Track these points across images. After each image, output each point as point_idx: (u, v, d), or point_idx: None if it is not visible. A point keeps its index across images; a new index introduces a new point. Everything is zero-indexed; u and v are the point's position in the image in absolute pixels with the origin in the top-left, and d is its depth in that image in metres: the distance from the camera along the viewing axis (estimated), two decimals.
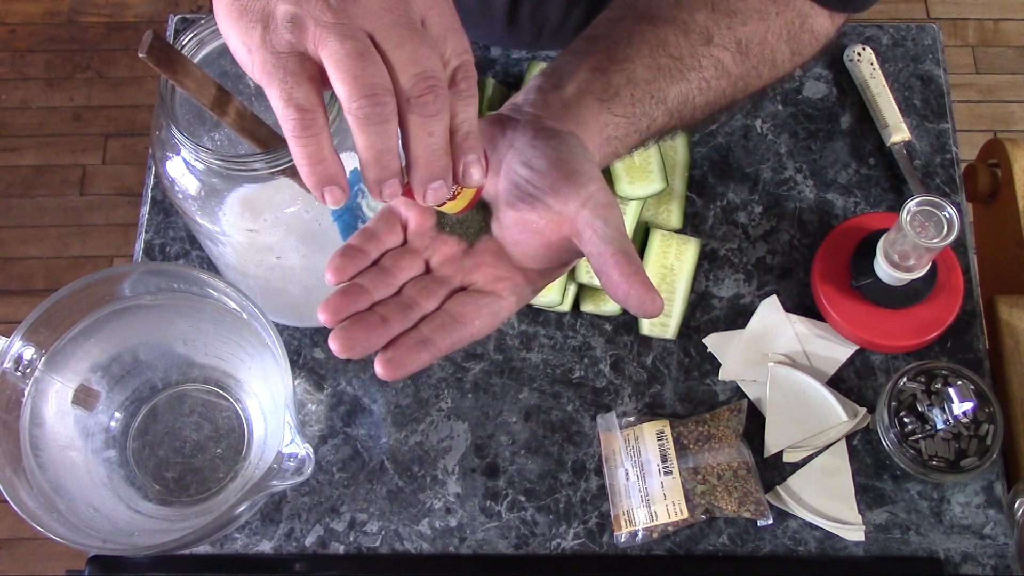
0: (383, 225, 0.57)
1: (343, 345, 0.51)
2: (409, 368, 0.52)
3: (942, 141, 0.95)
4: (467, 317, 0.54)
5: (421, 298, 0.54)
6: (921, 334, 0.85)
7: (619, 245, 0.53)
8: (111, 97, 2.05)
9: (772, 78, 0.69)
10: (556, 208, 0.55)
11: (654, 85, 0.62)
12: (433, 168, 0.49)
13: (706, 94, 0.65)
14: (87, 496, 0.78)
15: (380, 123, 0.47)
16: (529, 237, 0.56)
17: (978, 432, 0.79)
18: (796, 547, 0.81)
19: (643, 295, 0.53)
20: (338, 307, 0.52)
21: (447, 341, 0.53)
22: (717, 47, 0.65)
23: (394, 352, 0.52)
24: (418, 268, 0.56)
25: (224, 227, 0.71)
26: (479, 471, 0.85)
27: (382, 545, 0.82)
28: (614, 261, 0.53)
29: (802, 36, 0.69)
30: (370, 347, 0.52)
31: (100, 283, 0.78)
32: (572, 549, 0.82)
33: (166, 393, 0.86)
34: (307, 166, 0.49)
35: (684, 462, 0.83)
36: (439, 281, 0.56)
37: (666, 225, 0.91)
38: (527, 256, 0.57)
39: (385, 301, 0.54)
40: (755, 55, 0.67)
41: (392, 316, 0.53)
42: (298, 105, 0.48)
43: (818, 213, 0.93)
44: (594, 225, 0.54)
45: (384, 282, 0.55)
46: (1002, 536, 0.81)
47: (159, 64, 0.59)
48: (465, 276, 0.56)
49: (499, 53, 0.99)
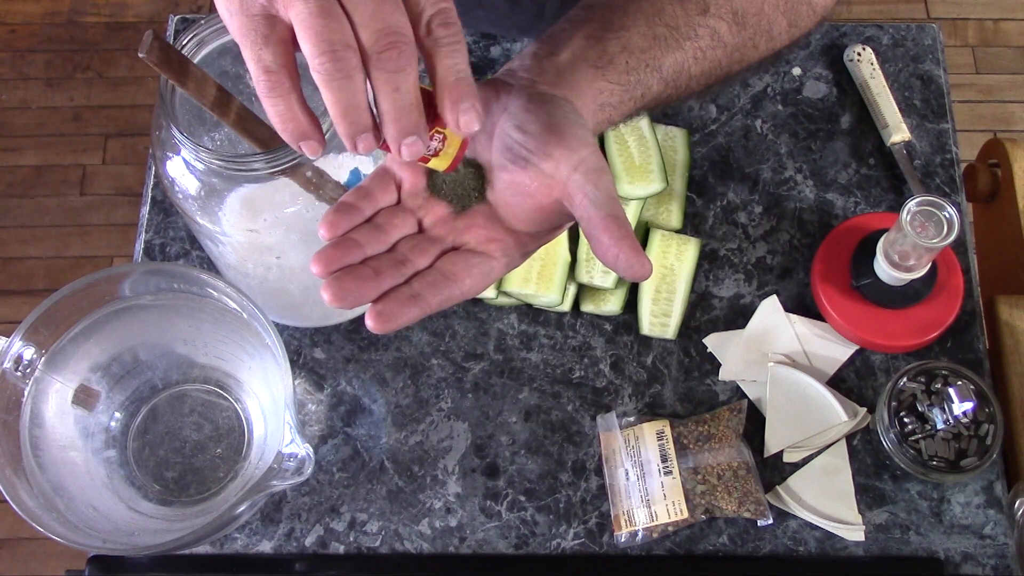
0: (377, 183, 0.57)
1: (334, 295, 0.52)
2: (399, 321, 0.52)
3: (942, 141, 0.95)
4: (458, 275, 0.55)
5: (413, 255, 0.55)
6: (921, 334, 0.85)
7: (609, 209, 0.54)
8: (111, 97, 2.05)
9: (769, 50, 0.69)
10: (548, 171, 0.55)
11: (649, 53, 0.62)
12: (403, 124, 0.50)
13: (702, 64, 0.65)
14: (87, 496, 0.78)
15: (343, 79, 0.48)
16: (521, 200, 0.56)
17: (978, 432, 0.79)
18: (796, 547, 0.81)
19: (632, 259, 0.53)
20: (330, 259, 0.53)
21: (438, 298, 0.54)
22: (713, 17, 0.65)
23: (384, 305, 0.52)
24: (411, 227, 0.57)
25: (224, 227, 0.71)
26: (479, 471, 0.85)
27: (382, 545, 0.82)
28: (604, 225, 0.53)
29: (799, 8, 0.69)
30: (361, 298, 0.52)
31: (100, 283, 0.78)
32: (572, 549, 0.82)
33: (166, 393, 0.86)
34: (279, 124, 0.50)
35: (684, 462, 0.83)
36: (431, 240, 0.57)
37: (666, 225, 0.91)
38: (519, 219, 0.57)
39: (378, 256, 0.55)
40: (752, 26, 0.67)
41: (384, 270, 0.54)
42: (265, 67, 0.49)
43: (818, 213, 0.93)
44: (585, 189, 0.54)
45: (377, 238, 0.55)
46: (1002, 536, 0.81)
47: (159, 64, 0.59)
48: (457, 236, 0.57)
49: (499, 52, 0.99)
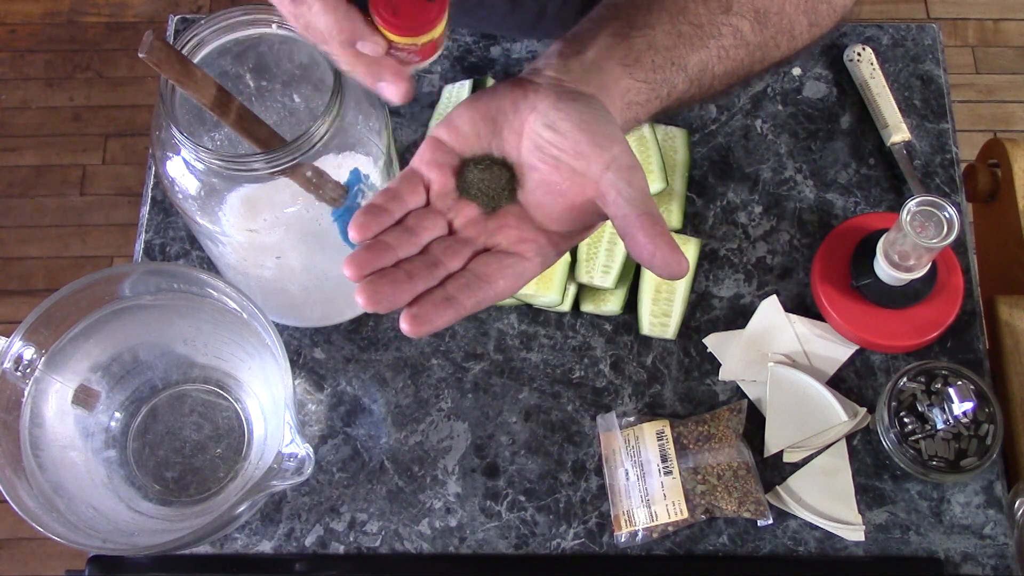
0: (406, 185, 0.57)
1: (370, 298, 0.51)
2: (435, 325, 0.52)
3: (942, 141, 0.95)
4: (491, 277, 0.54)
5: (445, 257, 0.55)
6: (921, 334, 0.85)
7: (644, 207, 0.54)
8: (111, 97, 2.05)
9: (790, 49, 0.69)
10: (580, 170, 0.55)
11: (675, 52, 0.62)
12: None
13: (725, 63, 0.65)
14: (87, 496, 0.78)
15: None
16: (553, 199, 0.56)
17: (978, 432, 0.79)
18: (796, 547, 0.81)
19: (668, 256, 0.53)
20: (363, 262, 0.52)
21: (472, 300, 0.53)
22: (736, 15, 0.65)
23: (419, 308, 0.52)
24: (441, 229, 0.57)
25: (224, 227, 0.71)
26: (479, 471, 0.85)
27: (382, 545, 0.82)
28: (640, 223, 0.53)
29: (820, 7, 0.69)
30: (396, 302, 0.52)
31: (100, 283, 0.78)
32: (572, 549, 0.82)
33: (166, 393, 0.86)
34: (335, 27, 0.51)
35: (684, 462, 0.83)
36: (463, 241, 0.56)
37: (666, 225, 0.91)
38: (551, 218, 0.57)
39: (410, 259, 0.54)
40: (773, 24, 0.66)
41: (417, 272, 0.53)
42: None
43: (818, 213, 0.93)
44: (618, 187, 0.54)
45: (408, 240, 0.55)
46: (1002, 536, 0.81)
47: (159, 64, 0.59)
48: (488, 237, 0.57)
49: (499, 52, 0.99)
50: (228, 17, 0.68)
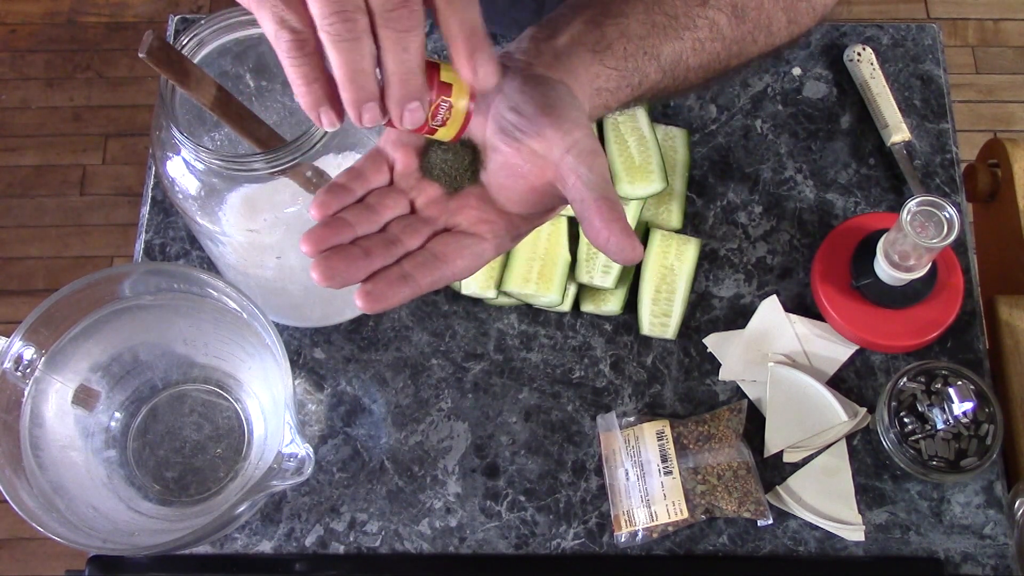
0: (370, 164, 0.57)
1: (323, 274, 0.52)
2: (389, 302, 0.53)
3: (942, 141, 0.95)
4: (449, 256, 0.55)
5: (404, 236, 0.55)
6: (921, 334, 0.85)
7: (602, 191, 0.54)
8: (111, 97, 2.05)
9: (768, 46, 0.69)
10: (541, 152, 0.55)
11: (648, 41, 0.62)
12: (409, 87, 0.50)
13: (700, 55, 0.65)
14: (87, 496, 0.78)
15: (352, 40, 0.48)
16: (514, 181, 0.56)
17: (978, 432, 0.79)
18: (796, 547, 0.81)
19: (623, 242, 0.53)
20: (320, 238, 0.53)
21: (428, 278, 0.54)
22: (713, 8, 0.65)
23: (374, 285, 0.53)
24: (403, 208, 0.57)
25: (224, 227, 0.71)
26: (479, 471, 0.85)
27: (382, 545, 0.82)
28: (596, 207, 0.53)
29: (799, 4, 0.69)
30: (350, 278, 0.52)
31: (100, 283, 0.78)
32: (572, 549, 0.82)
33: (166, 393, 0.86)
34: (302, 86, 0.50)
35: (684, 462, 0.83)
36: (423, 220, 0.56)
37: (666, 225, 0.91)
38: (511, 200, 0.57)
39: (368, 236, 0.55)
40: (751, 20, 0.67)
41: (374, 250, 0.54)
42: (291, 28, 0.49)
43: (818, 213, 0.93)
44: (578, 171, 0.54)
45: (368, 218, 0.55)
46: (1002, 536, 0.81)
47: (159, 64, 0.59)
48: (449, 217, 0.57)
49: (499, 52, 0.99)
50: (228, 17, 0.68)
